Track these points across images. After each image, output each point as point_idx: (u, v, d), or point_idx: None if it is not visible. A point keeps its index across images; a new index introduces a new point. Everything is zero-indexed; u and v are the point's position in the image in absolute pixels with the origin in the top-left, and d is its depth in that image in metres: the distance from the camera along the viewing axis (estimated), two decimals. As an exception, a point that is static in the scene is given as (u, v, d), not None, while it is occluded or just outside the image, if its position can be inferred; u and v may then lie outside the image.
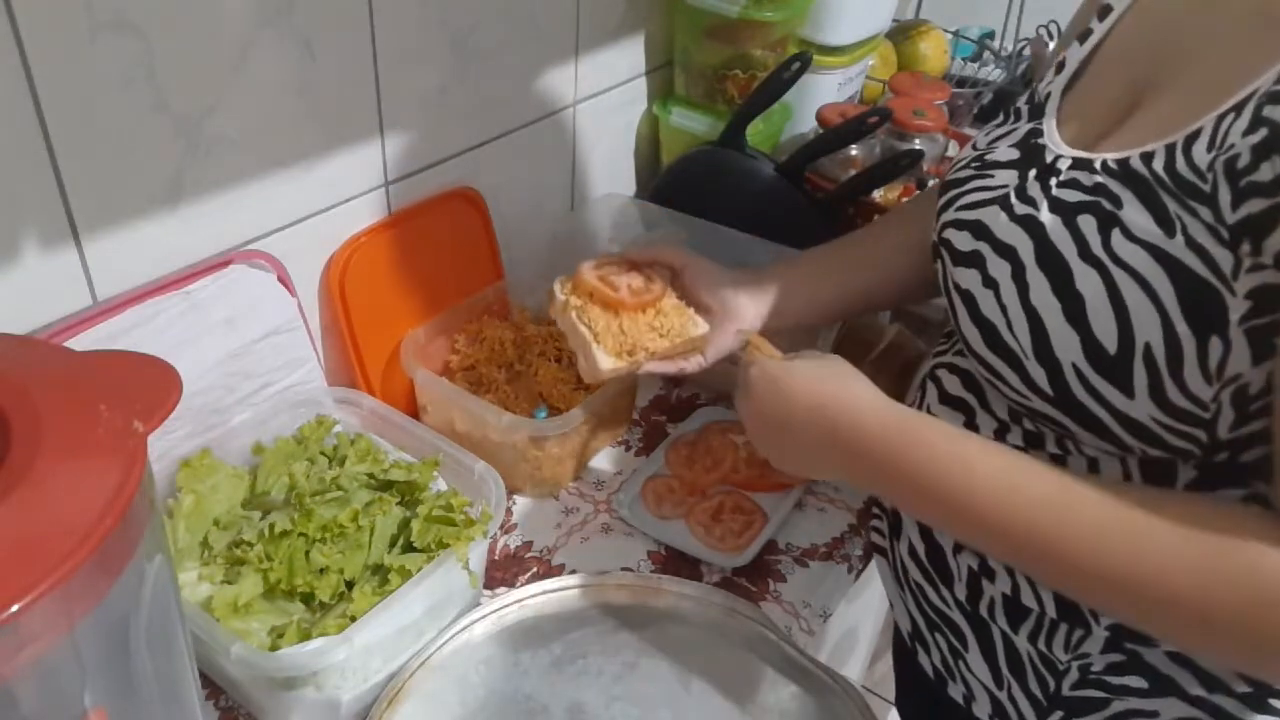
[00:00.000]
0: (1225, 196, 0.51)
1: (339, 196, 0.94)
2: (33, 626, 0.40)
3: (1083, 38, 0.69)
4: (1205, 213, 0.52)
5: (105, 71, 0.71)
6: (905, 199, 1.26)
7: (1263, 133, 0.50)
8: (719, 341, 0.83)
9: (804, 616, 0.86)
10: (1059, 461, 0.63)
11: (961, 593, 0.70)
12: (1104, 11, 0.68)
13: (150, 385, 0.49)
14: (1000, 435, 0.66)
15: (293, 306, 0.91)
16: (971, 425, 0.68)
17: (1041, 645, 0.66)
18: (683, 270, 0.85)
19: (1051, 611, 0.64)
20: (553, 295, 0.85)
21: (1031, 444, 0.64)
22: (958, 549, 0.69)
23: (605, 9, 1.16)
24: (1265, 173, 0.49)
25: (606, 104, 1.23)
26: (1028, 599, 0.65)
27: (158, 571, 0.49)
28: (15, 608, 0.37)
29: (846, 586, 0.91)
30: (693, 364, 0.84)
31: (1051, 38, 1.61)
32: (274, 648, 0.70)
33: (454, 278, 1.06)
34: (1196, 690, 0.60)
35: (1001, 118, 0.73)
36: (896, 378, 1.00)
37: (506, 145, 1.10)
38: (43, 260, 0.73)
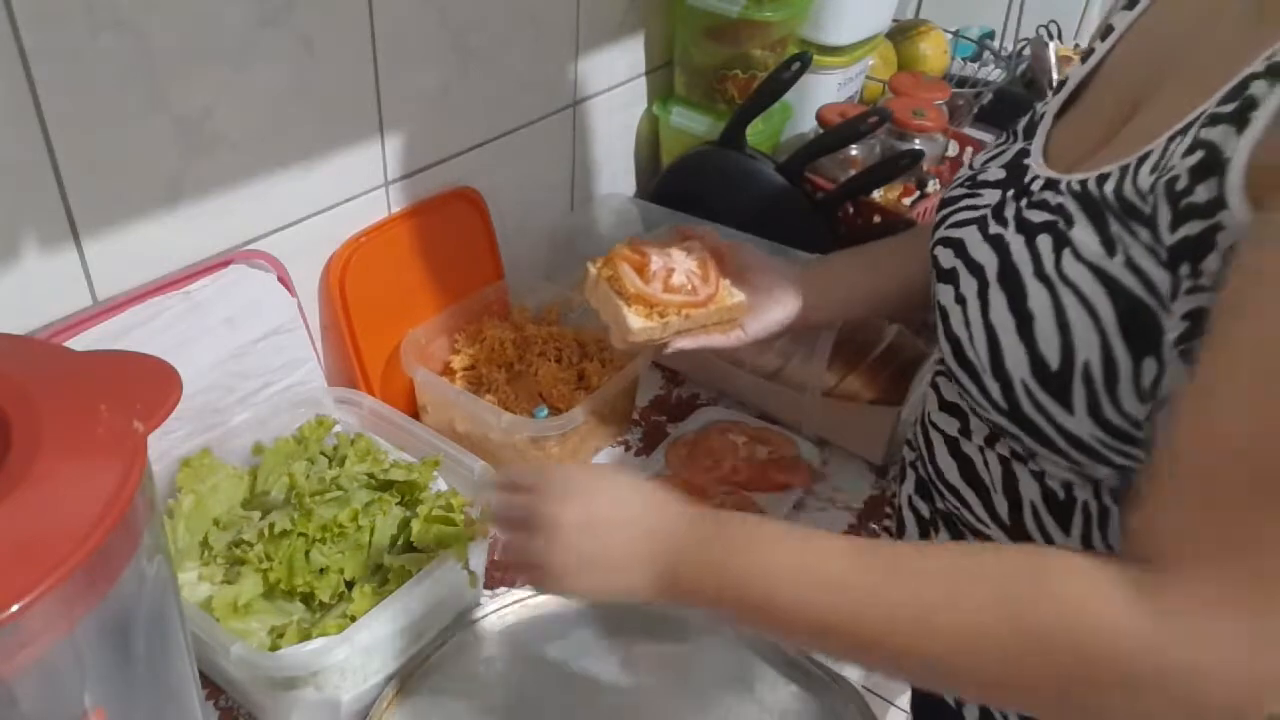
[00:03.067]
0: (1164, 218, 0.51)
1: (339, 196, 0.94)
2: (33, 626, 0.40)
3: (1085, 57, 0.69)
4: (1145, 234, 0.53)
5: (105, 71, 0.71)
6: (907, 199, 1.27)
7: (1200, 154, 0.50)
8: (761, 318, 0.84)
9: (804, 616, 0.86)
10: (1038, 475, 0.63)
11: None
12: (1106, 31, 0.69)
13: (150, 385, 0.49)
14: (990, 443, 0.67)
15: (293, 306, 0.91)
16: (965, 431, 0.69)
17: None
18: (728, 250, 0.86)
19: None
20: (586, 274, 0.85)
21: (1016, 458, 0.65)
22: None
23: (605, 9, 1.16)
24: (1201, 194, 0.49)
25: (606, 104, 1.23)
26: None
27: (158, 571, 0.49)
28: (15, 608, 0.37)
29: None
30: (732, 338, 0.84)
31: (1051, 37, 1.60)
32: (274, 648, 0.70)
33: (454, 278, 1.06)
34: None
35: (1002, 135, 0.74)
36: (896, 378, 1.00)
37: (506, 145, 1.10)
38: (43, 260, 0.73)
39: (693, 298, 0.81)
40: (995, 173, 0.68)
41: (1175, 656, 0.46)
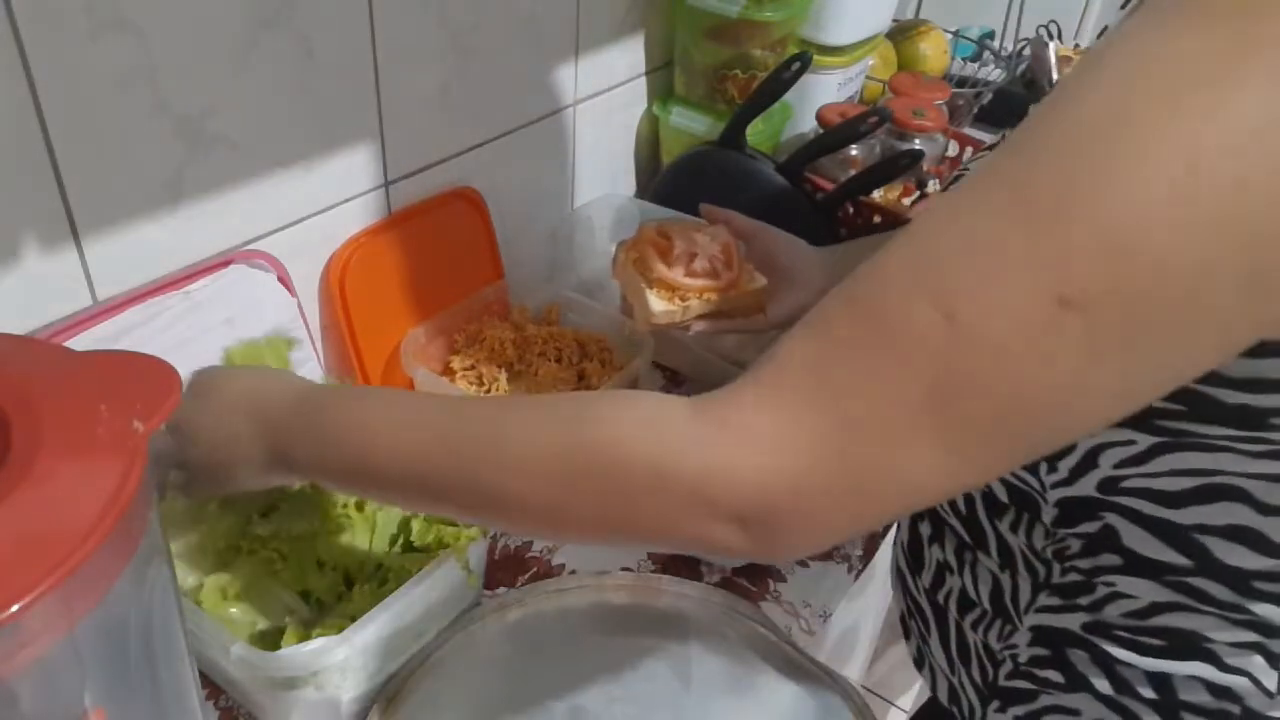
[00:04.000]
0: None
1: (339, 196, 0.94)
2: (33, 626, 0.40)
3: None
4: None
5: (105, 71, 0.71)
6: (907, 199, 1.27)
7: None
8: (783, 302, 0.85)
9: (804, 616, 0.86)
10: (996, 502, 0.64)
11: (928, 581, 0.72)
12: (1102, 31, 0.68)
13: (150, 385, 0.48)
14: None
15: (293, 306, 0.91)
16: None
17: (982, 635, 0.67)
18: (752, 234, 0.87)
19: (988, 606, 0.66)
20: (615, 256, 0.87)
21: None
22: (931, 540, 0.71)
23: (605, 9, 1.16)
24: None
25: (606, 104, 1.23)
26: (972, 594, 0.67)
27: (158, 571, 0.49)
28: (15, 608, 0.37)
29: (846, 586, 0.91)
30: (753, 322, 0.85)
31: (1051, 37, 1.60)
32: (264, 641, 0.70)
33: (454, 278, 1.06)
34: (1106, 690, 0.61)
35: (999, 139, 0.74)
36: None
37: (506, 145, 1.10)
38: (43, 260, 0.73)
39: (714, 282, 0.82)
40: None
41: (700, 455, 0.45)
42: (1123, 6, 0.68)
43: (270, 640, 0.71)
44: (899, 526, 0.80)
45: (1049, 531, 0.60)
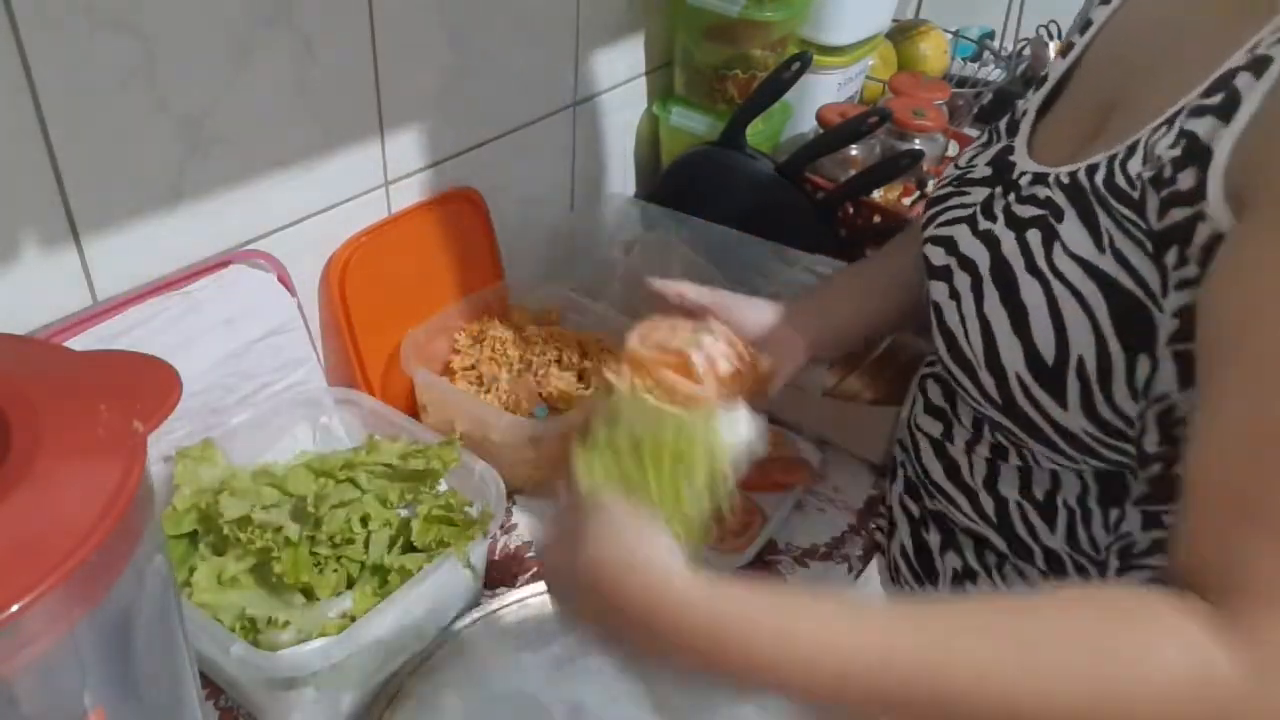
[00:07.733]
0: (1152, 204, 0.52)
1: (339, 196, 0.94)
2: (33, 626, 0.40)
3: (1066, 51, 0.69)
4: (1133, 222, 0.53)
5: (105, 71, 0.71)
6: (907, 199, 1.27)
7: (1183, 144, 0.51)
8: (778, 375, 0.79)
9: (804, 616, 0.86)
10: (1023, 475, 0.64)
11: (944, 590, 0.71)
12: (1085, 25, 0.69)
13: (150, 385, 0.49)
14: (971, 446, 0.67)
15: (292, 306, 0.91)
16: (948, 434, 0.70)
17: None
18: (717, 310, 0.79)
19: None
20: (612, 388, 0.71)
21: (998, 456, 0.66)
22: (943, 549, 0.71)
23: (605, 9, 1.16)
24: (1184, 182, 0.50)
25: (606, 104, 1.23)
26: None
27: (158, 571, 0.49)
28: (15, 608, 0.37)
29: (846, 587, 0.91)
30: (760, 403, 0.81)
31: (1051, 37, 1.60)
32: (252, 627, 0.70)
33: (454, 278, 1.06)
34: None
35: (985, 135, 0.74)
36: (897, 378, 1.00)
37: (506, 145, 1.10)
38: (43, 260, 0.73)
39: (739, 381, 0.72)
40: (981, 170, 0.69)
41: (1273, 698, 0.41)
42: (1104, 1, 0.68)
43: (257, 627, 0.70)
44: (892, 536, 0.78)
45: (1110, 526, 0.59)
